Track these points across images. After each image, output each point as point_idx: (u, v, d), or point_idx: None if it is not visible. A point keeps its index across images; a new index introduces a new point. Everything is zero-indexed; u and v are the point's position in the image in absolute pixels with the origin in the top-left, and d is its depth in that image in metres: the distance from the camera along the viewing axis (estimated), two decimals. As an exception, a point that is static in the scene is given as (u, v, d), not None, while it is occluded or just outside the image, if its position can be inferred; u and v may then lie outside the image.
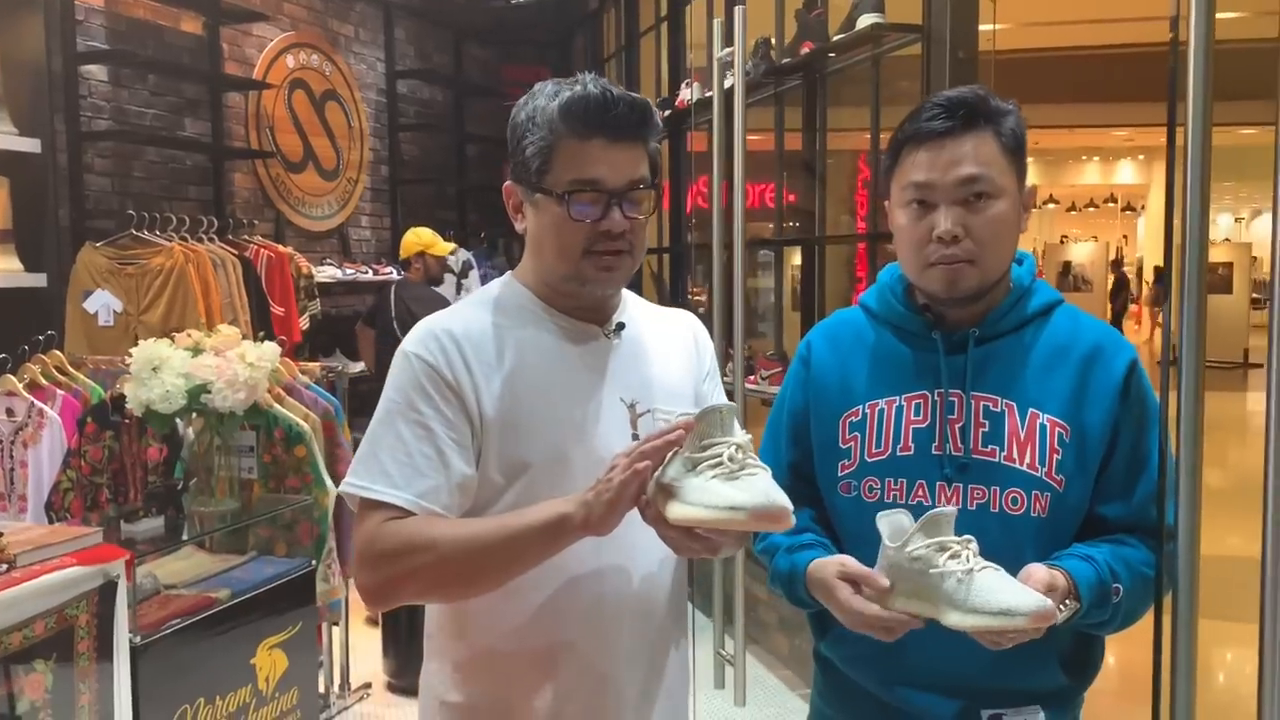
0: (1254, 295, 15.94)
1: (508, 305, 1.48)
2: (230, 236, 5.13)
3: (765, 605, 4.42)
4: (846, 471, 1.52)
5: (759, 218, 5.82)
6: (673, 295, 6.09)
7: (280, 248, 5.32)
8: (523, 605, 1.42)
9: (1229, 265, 15.64)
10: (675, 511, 1.25)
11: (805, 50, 3.92)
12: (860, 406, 1.53)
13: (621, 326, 1.50)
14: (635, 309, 1.56)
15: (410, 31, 7.09)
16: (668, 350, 1.56)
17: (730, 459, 1.25)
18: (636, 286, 6.71)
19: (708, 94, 3.77)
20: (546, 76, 1.50)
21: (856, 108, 4.15)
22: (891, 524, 1.35)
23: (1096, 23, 9.75)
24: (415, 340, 1.43)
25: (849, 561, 1.41)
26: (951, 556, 1.30)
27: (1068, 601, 1.35)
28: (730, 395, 3.51)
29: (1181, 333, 1.51)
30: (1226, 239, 20.94)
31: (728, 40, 3.25)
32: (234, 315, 4.78)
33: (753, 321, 5.82)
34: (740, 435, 1.28)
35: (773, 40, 4.41)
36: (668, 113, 5.37)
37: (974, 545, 1.32)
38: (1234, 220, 23.92)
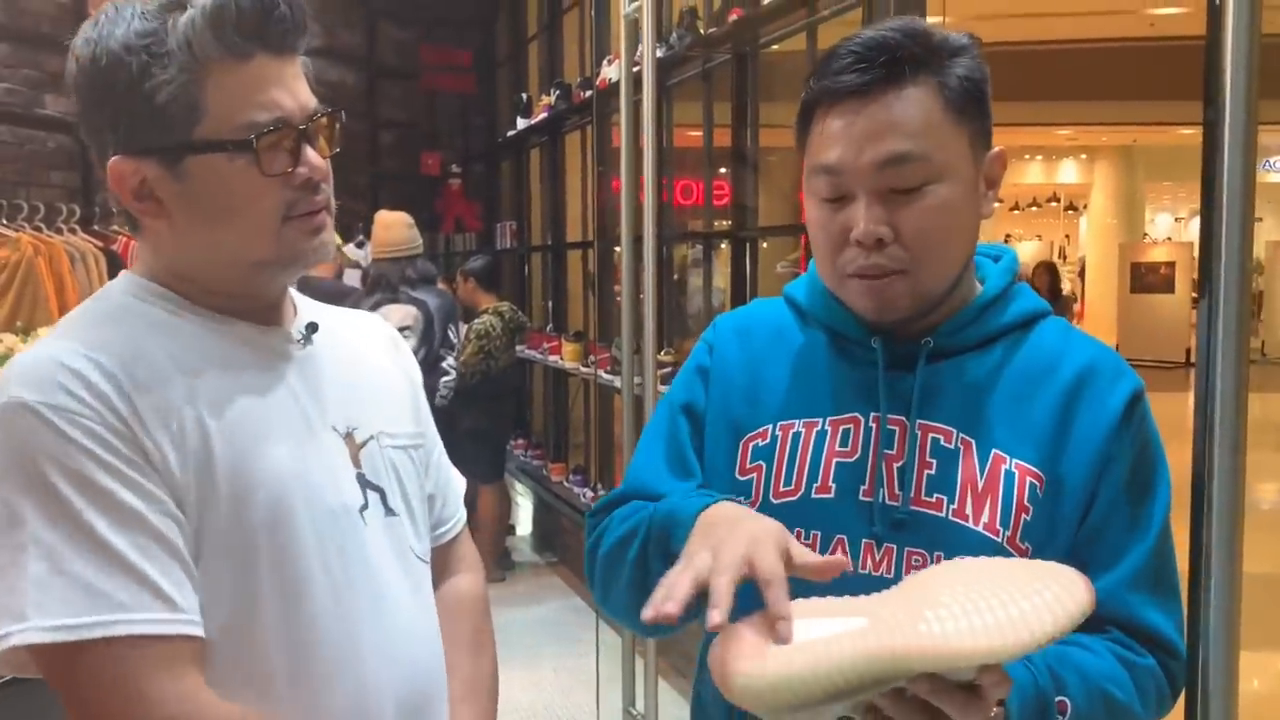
0: (1194, 295, 15.95)
1: (153, 319, 1.01)
2: (97, 227, 4.58)
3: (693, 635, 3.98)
4: None
5: (702, 214, 5.40)
6: (600, 293, 5.68)
7: (155, 240, 4.78)
8: None
9: (1171, 265, 15.63)
10: None
11: (733, 18, 3.49)
12: (769, 427, 1.13)
13: (314, 328, 1.08)
14: (308, 305, 1.14)
15: (314, 6, 6.45)
16: (369, 353, 1.16)
17: None
18: (563, 288, 6.28)
19: (634, 69, 3.33)
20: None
21: (794, 102, 3.73)
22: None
23: (1040, 17, 9.53)
24: (51, 389, 0.91)
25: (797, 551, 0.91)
26: None
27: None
28: (640, 404, 3.06)
29: (1216, 354, 1.11)
30: (1168, 238, 21.03)
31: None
32: (96, 315, 4.25)
33: (684, 322, 5.43)
34: None
35: (700, 11, 3.99)
36: (588, 93, 4.94)
37: None
38: (1174, 220, 24.08)
